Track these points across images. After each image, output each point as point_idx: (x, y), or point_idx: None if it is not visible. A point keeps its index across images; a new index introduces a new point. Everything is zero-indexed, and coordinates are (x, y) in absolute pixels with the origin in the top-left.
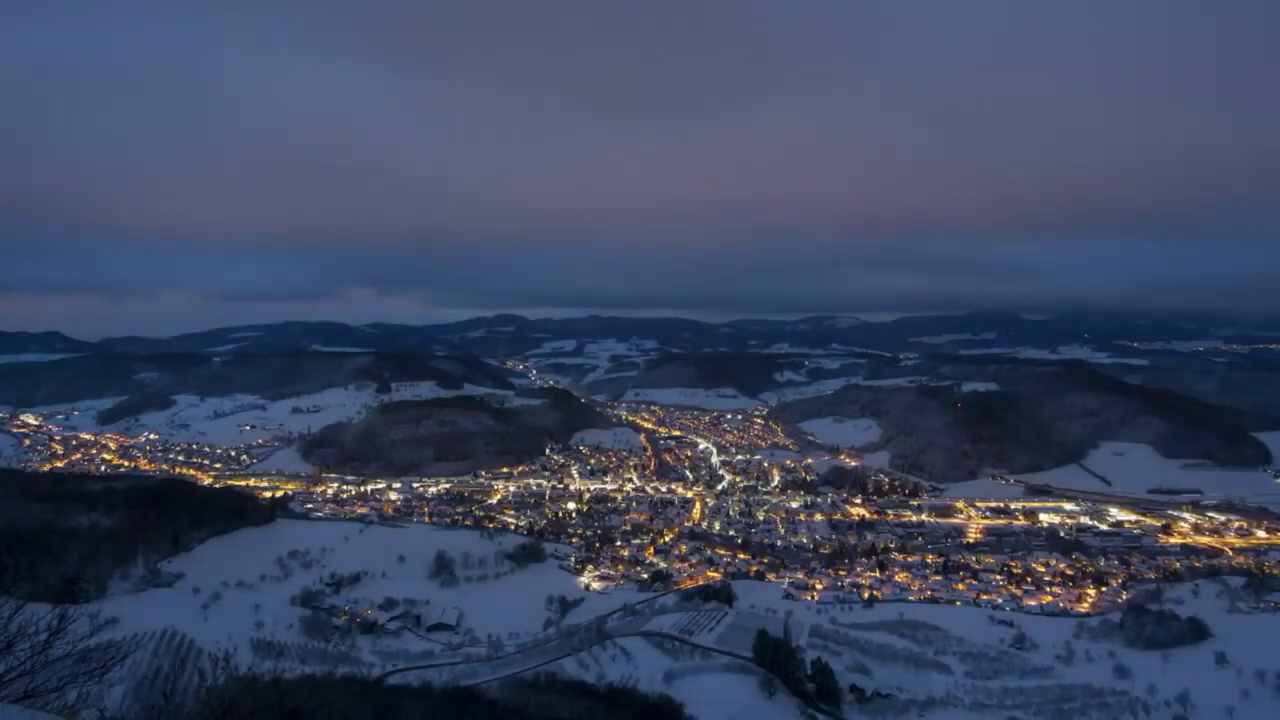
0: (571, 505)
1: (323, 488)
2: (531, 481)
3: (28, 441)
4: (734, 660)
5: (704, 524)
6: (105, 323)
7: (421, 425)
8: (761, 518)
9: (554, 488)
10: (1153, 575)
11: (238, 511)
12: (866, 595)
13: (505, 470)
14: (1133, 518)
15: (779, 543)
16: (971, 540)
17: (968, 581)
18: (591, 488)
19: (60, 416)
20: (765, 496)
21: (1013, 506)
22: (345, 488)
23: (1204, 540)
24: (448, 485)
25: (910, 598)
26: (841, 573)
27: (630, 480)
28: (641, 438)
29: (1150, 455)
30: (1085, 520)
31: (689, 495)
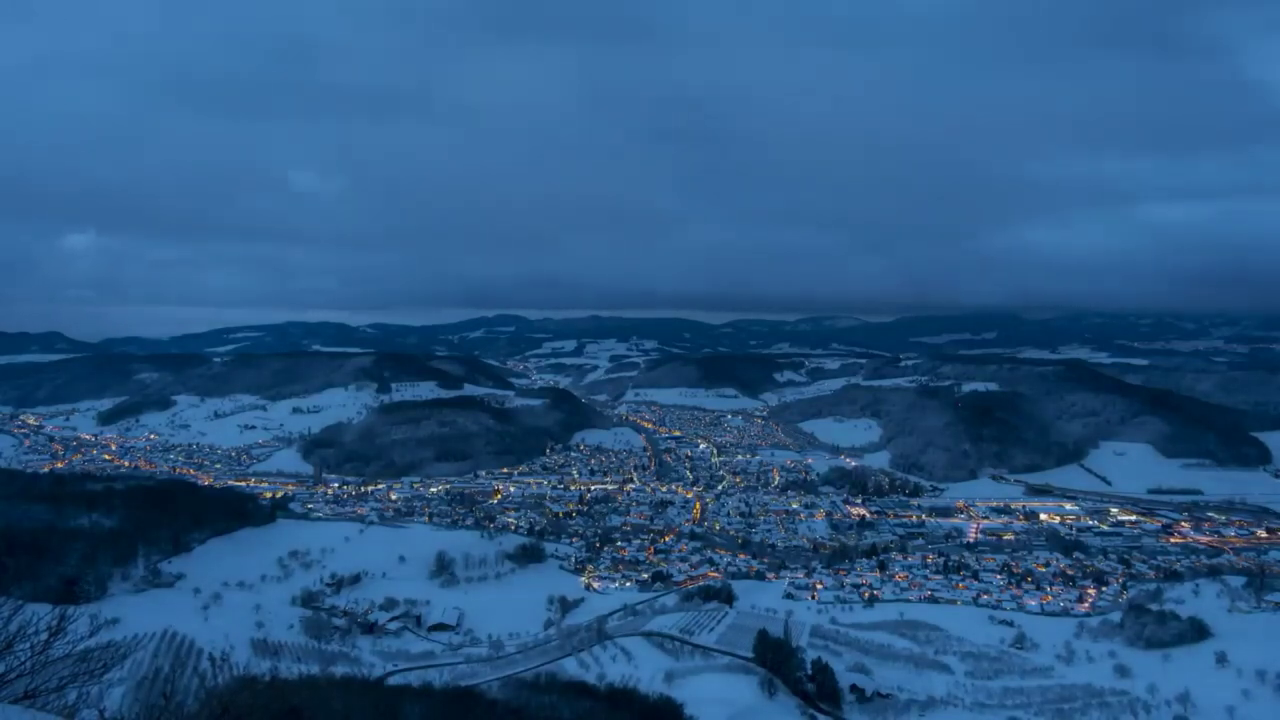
0: (572, 505)
1: (323, 488)
2: (532, 481)
3: (28, 442)
4: (734, 660)
5: (704, 524)
6: (105, 323)
7: (422, 425)
8: (762, 518)
9: (554, 488)
10: (1153, 575)
11: (238, 512)
12: (867, 595)
13: (505, 470)
14: (1133, 517)
15: (779, 543)
16: (971, 540)
17: (968, 581)
18: (592, 488)
19: (60, 417)
20: (766, 497)
21: (1013, 506)
22: (346, 488)
23: (1204, 540)
24: (448, 485)
25: (911, 598)
26: (842, 573)
27: (631, 480)
28: (642, 438)
29: (1150, 455)
30: (1085, 520)
31: (689, 495)
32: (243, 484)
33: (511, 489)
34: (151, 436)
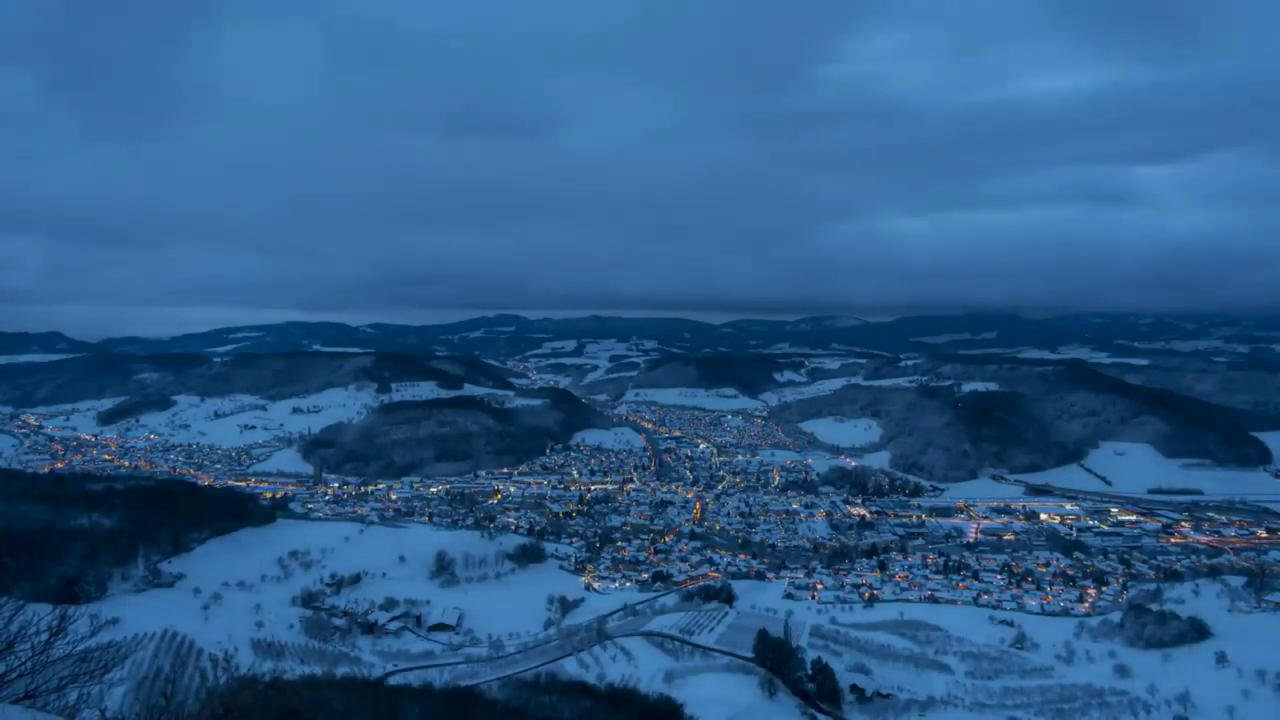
0: (572, 505)
1: (323, 488)
2: (532, 481)
3: (28, 442)
4: (734, 660)
5: (704, 524)
6: (106, 323)
7: (422, 425)
8: (762, 518)
9: (554, 488)
10: (1153, 575)
11: (238, 512)
12: (867, 595)
13: (505, 470)
14: (1133, 517)
15: (779, 543)
16: (971, 540)
17: (968, 581)
18: (592, 488)
19: (60, 417)
20: (766, 497)
21: (1013, 506)
22: (346, 488)
23: (1204, 540)
24: (448, 485)
25: (911, 598)
26: (842, 573)
27: (631, 480)
28: (642, 438)
29: (1150, 455)
30: (1085, 520)
31: (689, 495)
32: (243, 484)
33: (511, 489)
34: (151, 436)
